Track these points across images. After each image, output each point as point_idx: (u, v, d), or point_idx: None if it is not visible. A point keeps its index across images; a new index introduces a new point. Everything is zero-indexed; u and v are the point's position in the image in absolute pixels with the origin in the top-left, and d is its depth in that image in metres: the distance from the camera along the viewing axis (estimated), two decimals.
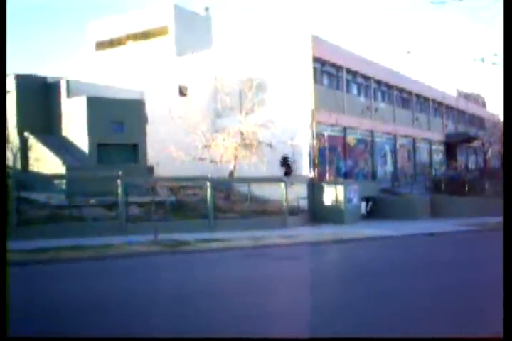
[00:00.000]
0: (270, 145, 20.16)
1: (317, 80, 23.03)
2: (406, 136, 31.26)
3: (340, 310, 6.48)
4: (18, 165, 19.14)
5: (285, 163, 21.36)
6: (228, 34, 31.86)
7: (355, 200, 20.27)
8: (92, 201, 16.35)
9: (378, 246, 14.51)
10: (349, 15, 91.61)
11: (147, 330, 5.61)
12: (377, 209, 22.01)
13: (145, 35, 29.19)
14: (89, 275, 9.45)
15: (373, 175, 27.23)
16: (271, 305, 6.83)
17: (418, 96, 33.53)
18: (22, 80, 19.70)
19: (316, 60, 22.68)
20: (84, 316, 6.24)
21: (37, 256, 10.92)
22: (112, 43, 30.30)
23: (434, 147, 35.09)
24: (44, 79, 20.37)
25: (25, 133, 19.22)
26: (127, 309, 6.63)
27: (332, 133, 24.12)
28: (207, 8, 30.93)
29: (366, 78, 27.34)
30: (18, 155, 19.28)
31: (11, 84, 19.57)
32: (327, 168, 23.45)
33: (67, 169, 17.72)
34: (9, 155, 19.72)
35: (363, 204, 21.46)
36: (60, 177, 17.52)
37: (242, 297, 7.31)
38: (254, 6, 79.17)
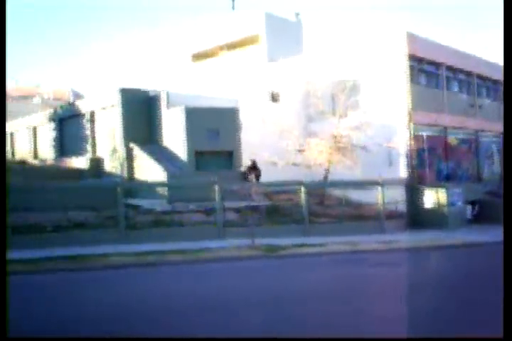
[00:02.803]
0: (364, 148, 19.65)
1: (413, 79, 22.06)
2: None
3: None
4: (125, 174, 20.49)
5: (253, 167, 19.88)
6: (319, 37, 31.63)
7: (459, 204, 19.08)
8: (192, 207, 17.03)
9: (492, 252, 13.44)
10: (448, 9, 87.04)
11: (251, 331, 5.73)
12: (484, 213, 20.52)
13: (237, 45, 29.97)
14: (194, 277, 9.83)
15: (478, 177, 25.44)
16: (373, 311, 6.63)
17: None
18: (126, 94, 21.05)
19: (411, 57, 21.74)
20: (203, 315, 6.55)
21: (143, 259, 11.61)
22: (206, 54, 31.49)
23: None
24: (146, 92, 21.62)
25: (131, 144, 20.54)
26: (236, 309, 6.82)
27: (431, 134, 22.94)
28: (297, 14, 31.03)
29: (468, 74, 25.68)
30: (125, 164, 20.66)
31: (116, 98, 21.05)
32: (426, 170, 22.35)
33: (168, 176, 18.64)
34: (117, 164, 21.23)
35: (469, 208, 20.14)
36: (162, 184, 18.49)
37: (347, 301, 7.23)
38: (344, 5, 78.23)
